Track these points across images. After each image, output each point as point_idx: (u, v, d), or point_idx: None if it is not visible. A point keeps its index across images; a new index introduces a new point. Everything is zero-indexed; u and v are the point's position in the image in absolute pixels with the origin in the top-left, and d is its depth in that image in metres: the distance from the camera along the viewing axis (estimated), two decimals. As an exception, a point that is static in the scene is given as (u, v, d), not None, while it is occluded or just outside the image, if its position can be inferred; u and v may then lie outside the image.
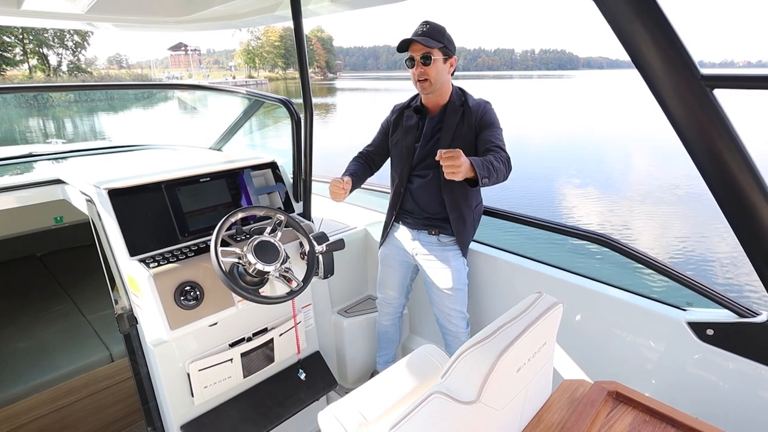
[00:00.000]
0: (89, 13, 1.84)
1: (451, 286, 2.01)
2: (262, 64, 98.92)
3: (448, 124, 1.92)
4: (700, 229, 8.60)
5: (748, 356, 1.46)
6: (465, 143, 1.89)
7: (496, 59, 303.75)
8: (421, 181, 1.99)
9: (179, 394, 1.72)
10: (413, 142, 1.99)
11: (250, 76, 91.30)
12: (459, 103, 1.94)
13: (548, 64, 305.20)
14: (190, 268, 1.62)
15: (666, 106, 1.18)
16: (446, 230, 2.01)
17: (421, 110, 2.01)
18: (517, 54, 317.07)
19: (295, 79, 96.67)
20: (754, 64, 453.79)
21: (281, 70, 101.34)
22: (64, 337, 2.35)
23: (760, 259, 1.29)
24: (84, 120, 31.28)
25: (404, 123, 2.03)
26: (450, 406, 0.89)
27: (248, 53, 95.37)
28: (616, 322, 1.78)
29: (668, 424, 1.15)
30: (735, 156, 1.15)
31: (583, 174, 13.18)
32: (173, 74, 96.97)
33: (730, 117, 1.14)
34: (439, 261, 2.01)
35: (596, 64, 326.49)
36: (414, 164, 2.00)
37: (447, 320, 2.06)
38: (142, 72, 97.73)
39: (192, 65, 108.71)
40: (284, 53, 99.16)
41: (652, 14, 1.05)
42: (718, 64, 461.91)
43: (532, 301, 1.10)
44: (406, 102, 2.10)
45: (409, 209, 2.06)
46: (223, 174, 1.94)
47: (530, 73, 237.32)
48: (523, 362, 0.97)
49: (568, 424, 1.10)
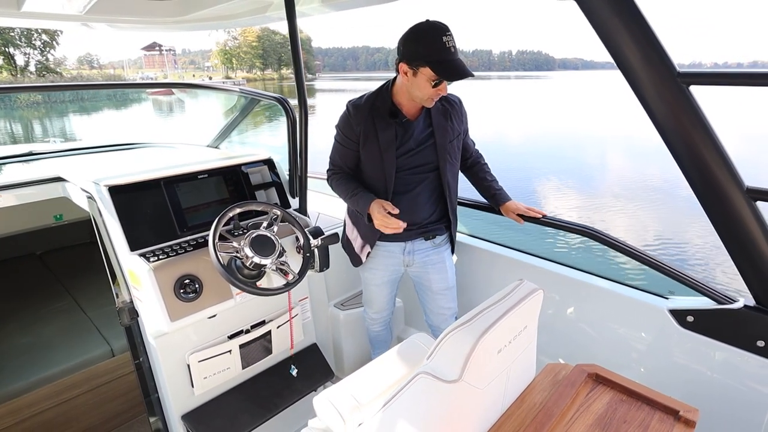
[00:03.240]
0: (87, 14, 1.87)
1: (446, 286, 1.99)
2: (240, 65, 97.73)
3: (441, 127, 1.79)
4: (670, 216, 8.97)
5: (725, 341, 1.53)
6: (458, 145, 1.86)
7: (475, 60, 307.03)
8: (416, 187, 1.83)
9: (180, 385, 1.76)
10: (395, 156, 1.76)
11: (227, 77, 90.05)
12: (442, 103, 1.82)
13: (525, 64, 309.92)
14: (190, 262, 1.66)
15: (645, 102, 1.26)
16: (440, 231, 1.95)
17: (396, 113, 1.75)
18: (495, 55, 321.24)
19: (273, 80, 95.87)
20: (720, 65, 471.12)
21: (259, 71, 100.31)
22: (65, 333, 2.37)
23: (735, 247, 1.37)
24: (54, 121, 30.41)
25: (378, 131, 1.74)
26: (435, 385, 0.94)
27: (225, 53, 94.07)
28: (600, 310, 1.85)
29: (643, 403, 1.22)
30: (710, 149, 1.23)
31: (559, 170, 13.51)
32: (147, 75, 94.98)
33: (706, 112, 1.22)
34: (436, 264, 1.96)
35: (572, 65, 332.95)
36: (400, 174, 1.80)
37: (441, 320, 2.05)
38: (115, 72, 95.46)
39: (167, 66, 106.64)
40: (262, 54, 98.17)
41: (631, 14, 1.13)
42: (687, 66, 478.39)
43: (513, 287, 1.15)
44: (366, 100, 1.78)
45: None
46: (220, 171, 1.99)
47: (508, 73, 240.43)
48: (503, 344, 1.02)
49: (548, 404, 1.15)
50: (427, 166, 1.82)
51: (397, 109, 1.75)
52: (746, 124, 24.09)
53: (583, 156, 16.48)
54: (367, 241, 1.93)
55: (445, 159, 1.81)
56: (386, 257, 1.96)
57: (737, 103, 31.22)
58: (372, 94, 1.80)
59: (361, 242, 1.95)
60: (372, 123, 1.75)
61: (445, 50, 1.54)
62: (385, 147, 1.75)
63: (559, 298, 1.96)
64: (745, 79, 1.13)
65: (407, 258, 1.96)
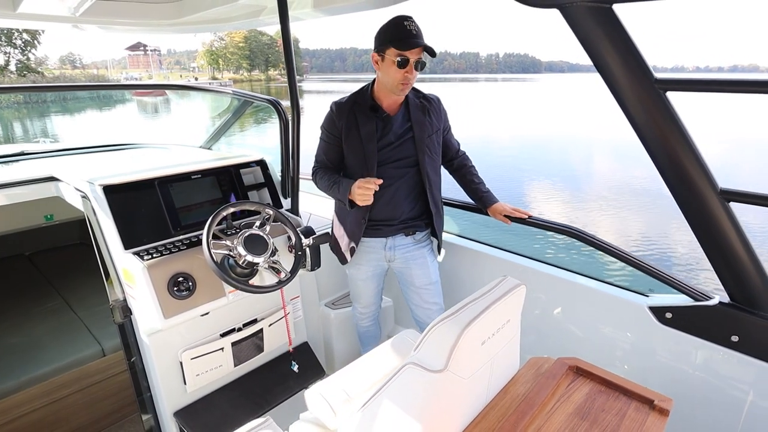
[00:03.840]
0: (83, 16, 1.88)
1: (429, 281, 2.03)
2: (226, 66, 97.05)
3: (419, 122, 1.87)
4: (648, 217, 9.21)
5: (701, 336, 1.60)
6: (437, 140, 1.92)
7: (462, 62, 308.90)
8: (396, 182, 1.89)
9: (172, 382, 1.78)
10: (375, 147, 1.84)
11: (213, 78, 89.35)
12: (418, 98, 1.91)
13: (512, 67, 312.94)
14: (183, 261, 1.69)
15: (625, 107, 1.32)
16: (420, 227, 2.00)
17: (376, 109, 1.85)
18: (482, 57, 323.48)
19: (260, 81, 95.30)
20: (702, 69, 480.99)
21: (246, 72, 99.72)
22: (56, 332, 2.36)
23: (710, 246, 1.43)
24: (35, 122, 29.89)
25: (360, 125, 1.84)
26: (421, 375, 0.98)
27: (211, 54, 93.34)
28: (583, 307, 1.91)
29: (621, 393, 1.28)
30: (686, 152, 1.30)
31: (546, 171, 13.72)
32: (132, 75, 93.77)
33: (682, 117, 1.28)
34: (417, 259, 2.01)
35: (557, 68, 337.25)
36: (382, 167, 1.86)
37: (426, 315, 2.09)
38: (98, 72, 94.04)
39: (152, 66, 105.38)
40: (249, 54, 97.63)
41: (611, 24, 1.19)
42: (670, 69, 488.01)
43: (497, 282, 1.20)
44: (348, 99, 1.89)
45: (382, 218, 1.93)
46: (213, 171, 2.02)
47: (495, 76, 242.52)
48: (487, 336, 1.07)
49: (530, 394, 1.20)
50: (407, 161, 1.88)
51: (378, 104, 1.85)
52: (725, 129, 24.67)
53: (570, 157, 16.74)
54: (352, 239, 1.97)
55: (424, 152, 1.87)
56: (369, 253, 2.01)
57: (717, 108, 31.93)
58: (354, 93, 1.92)
59: (347, 240, 1.99)
60: (354, 117, 1.85)
61: (406, 31, 1.69)
62: (367, 139, 1.83)
63: (545, 296, 2.02)
64: (717, 86, 1.19)
65: (389, 253, 2.01)
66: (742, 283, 1.45)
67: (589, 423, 1.15)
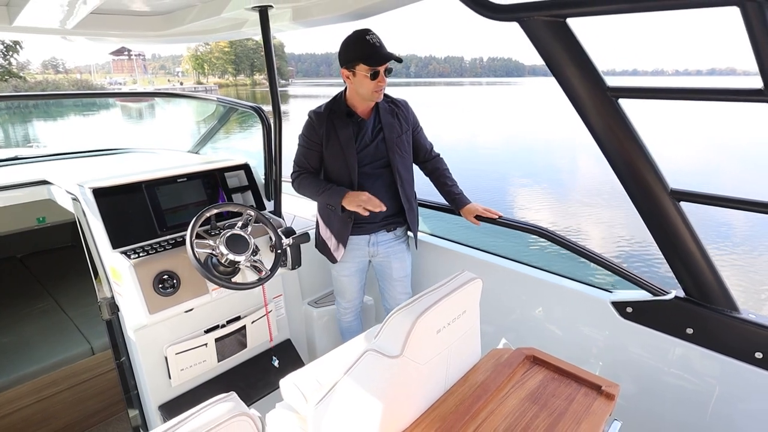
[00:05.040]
0: (75, 28, 1.96)
1: (404, 273, 2.19)
2: (212, 70, 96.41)
3: (388, 124, 2.01)
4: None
5: (658, 329, 1.69)
6: (407, 140, 2.06)
7: (447, 66, 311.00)
8: (374, 182, 2.01)
9: (157, 377, 1.86)
10: (354, 150, 1.97)
11: (198, 83, 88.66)
12: (389, 104, 2.05)
13: (496, 71, 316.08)
14: (168, 259, 1.78)
15: (583, 114, 1.42)
16: (400, 223, 2.14)
17: (352, 114, 1.99)
18: (467, 61, 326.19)
19: (246, 86, 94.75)
20: (681, 73, 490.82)
21: (231, 77, 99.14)
22: (46, 332, 2.42)
23: (665, 244, 1.53)
24: (17, 127, 29.37)
25: (338, 130, 1.96)
26: (380, 361, 1.08)
27: (197, 59, 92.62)
28: (550, 302, 2.02)
29: (572, 380, 1.38)
30: (638, 155, 1.40)
31: (529, 173, 13.99)
32: (116, 80, 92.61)
33: (634, 122, 1.38)
34: (397, 254, 2.16)
35: (541, 72, 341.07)
36: (361, 169, 2.00)
37: (398, 305, 2.20)
38: (81, 77, 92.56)
39: (137, 71, 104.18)
40: (234, 59, 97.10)
41: (565, 36, 1.30)
42: (651, 72, 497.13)
43: (453, 276, 1.30)
44: (324, 108, 2.01)
45: (366, 216, 2.01)
46: (199, 175, 2.11)
47: (479, 80, 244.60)
48: (442, 325, 1.17)
49: (487, 381, 1.30)
50: (381, 161, 2.02)
51: (352, 110, 1.99)
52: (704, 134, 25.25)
53: (553, 157, 17.04)
54: (341, 240, 2.09)
55: (394, 151, 2.01)
56: (354, 250, 2.13)
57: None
58: (329, 101, 2.04)
59: (335, 241, 2.10)
60: (332, 124, 1.98)
61: (370, 45, 1.81)
62: (346, 143, 1.96)
63: (512, 292, 2.13)
64: (663, 93, 1.30)
65: (372, 249, 2.13)
66: (695, 278, 1.54)
67: (539, 407, 1.25)
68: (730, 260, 7.22)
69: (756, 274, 6.92)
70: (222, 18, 2.02)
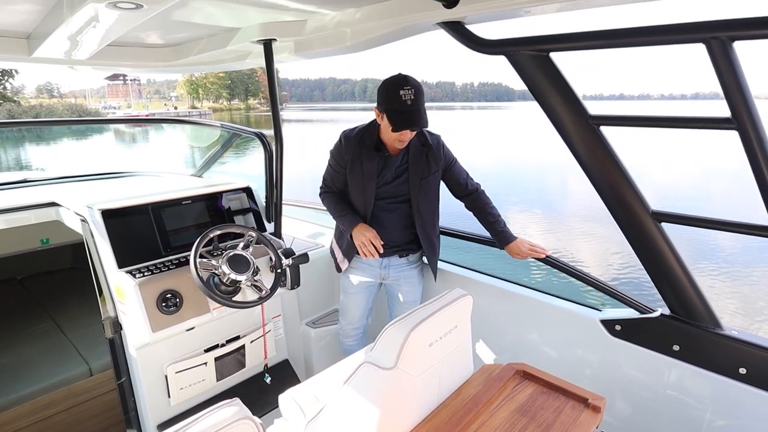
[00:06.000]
0: (90, 59, 2.06)
1: (413, 298, 2.21)
2: (206, 95, 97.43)
3: (415, 165, 1.99)
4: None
5: (646, 346, 1.75)
6: (433, 181, 2.05)
7: (438, 91, 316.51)
8: (388, 216, 2.05)
9: (157, 395, 1.89)
10: (374, 185, 1.99)
11: (193, 107, 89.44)
12: (421, 144, 2.00)
13: (487, 95, 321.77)
14: (172, 279, 1.84)
15: (568, 141, 1.52)
16: (412, 250, 2.15)
17: (380, 148, 1.97)
18: (458, 86, 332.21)
19: (240, 110, 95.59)
20: (666, 97, 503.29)
21: (226, 101, 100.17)
22: (45, 353, 2.42)
23: (649, 264, 1.60)
24: (8, 152, 29.32)
25: (363, 161, 1.97)
26: (375, 373, 1.13)
27: (191, 84, 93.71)
28: (541, 321, 2.08)
29: (560, 394, 1.44)
30: (621, 179, 1.49)
31: (523, 196, 14.20)
32: (110, 104, 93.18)
33: (615, 148, 1.47)
34: (408, 278, 2.18)
35: (530, 97, 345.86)
36: (378, 201, 2.02)
37: None
38: (76, 101, 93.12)
39: (131, 95, 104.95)
40: (229, 84, 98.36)
41: (549, 69, 1.40)
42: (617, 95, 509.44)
43: (445, 293, 1.37)
44: (356, 134, 2.00)
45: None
46: (203, 197, 2.19)
47: (471, 104, 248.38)
48: (434, 339, 1.23)
49: (478, 394, 1.36)
50: (400, 198, 2.04)
51: (382, 144, 1.97)
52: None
53: (545, 180, 17.31)
54: (347, 255, 2.15)
55: (417, 192, 2.02)
56: (364, 269, 2.17)
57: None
58: (363, 127, 2.03)
59: (342, 255, 2.17)
60: (359, 153, 1.98)
61: (401, 102, 1.76)
62: (368, 176, 1.99)
63: (506, 311, 2.18)
64: (642, 122, 1.39)
65: (383, 272, 2.17)
66: (679, 296, 1.61)
67: (528, 419, 1.31)
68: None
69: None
70: (228, 50, 2.13)
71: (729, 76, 1.10)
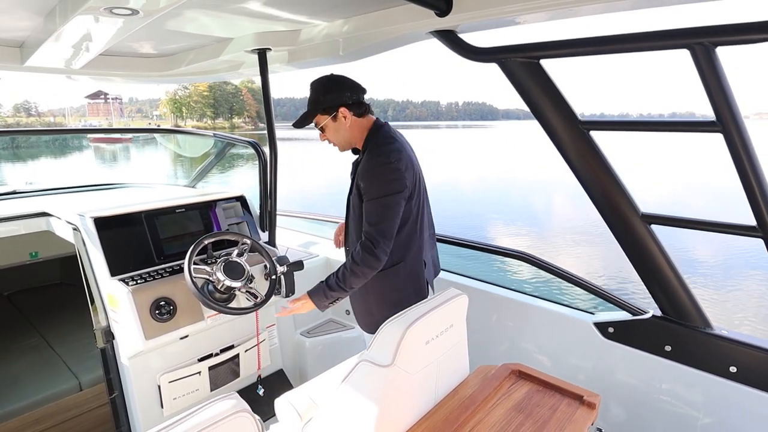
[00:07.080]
0: (83, 68, 2.06)
1: None
2: (190, 114, 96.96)
3: (352, 177, 1.77)
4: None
5: (639, 347, 1.78)
6: (355, 200, 1.73)
7: (424, 110, 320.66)
8: (348, 223, 1.83)
9: (150, 406, 1.84)
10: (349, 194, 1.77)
11: (176, 126, 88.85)
12: (364, 156, 1.70)
13: (471, 114, 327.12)
14: (165, 286, 1.82)
15: (559, 146, 1.56)
16: None
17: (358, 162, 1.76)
18: (443, 105, 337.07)
19: (224, 129, 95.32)
20: (617, 116, 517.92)
21: (210, 120, 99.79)
22: (34, 368, 2.36)
23: (640, 266, 1.63)
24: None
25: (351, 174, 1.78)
26: (373, 370, 1.14)
27: (175, 102, 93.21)
28: (536, 325, 2.10)
29: (556, 392, 1.46)
30: (611, 182, 1.52)
31: (504, 210, 14.48)
32: (91, 123, 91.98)
33: (605, 152, 1.51)
34: None
35: (514, 116, 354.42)
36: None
37: None
38: (55, 120, 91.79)
39: (113, 114, 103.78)
40: (213, 103, 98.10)
41: (540, 75, 1.45)
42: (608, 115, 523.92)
43: (440, 292, 1.39)
44: None
45: None
46: (196, 206, 2.18)
47: (455, 123, 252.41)
48: (431, 336, 1.24)
49: (475, 393, 1.37)
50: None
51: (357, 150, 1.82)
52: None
53: (529, 196, 17.66)
54: None
55: (348, 207, 1.82)
56: None
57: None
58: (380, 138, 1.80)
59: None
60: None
61: None
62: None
63: (502, 316, 2.20)
64: (630, 126, 1.45)
65: None
66: (670, 297, 1.65)
67: (524, 416, 1.32)
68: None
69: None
70: (221, 60, 2.16)
71: (713, 81, 1.15)
